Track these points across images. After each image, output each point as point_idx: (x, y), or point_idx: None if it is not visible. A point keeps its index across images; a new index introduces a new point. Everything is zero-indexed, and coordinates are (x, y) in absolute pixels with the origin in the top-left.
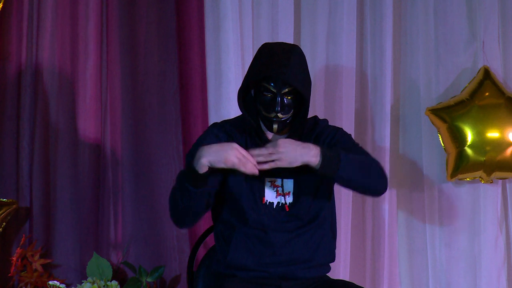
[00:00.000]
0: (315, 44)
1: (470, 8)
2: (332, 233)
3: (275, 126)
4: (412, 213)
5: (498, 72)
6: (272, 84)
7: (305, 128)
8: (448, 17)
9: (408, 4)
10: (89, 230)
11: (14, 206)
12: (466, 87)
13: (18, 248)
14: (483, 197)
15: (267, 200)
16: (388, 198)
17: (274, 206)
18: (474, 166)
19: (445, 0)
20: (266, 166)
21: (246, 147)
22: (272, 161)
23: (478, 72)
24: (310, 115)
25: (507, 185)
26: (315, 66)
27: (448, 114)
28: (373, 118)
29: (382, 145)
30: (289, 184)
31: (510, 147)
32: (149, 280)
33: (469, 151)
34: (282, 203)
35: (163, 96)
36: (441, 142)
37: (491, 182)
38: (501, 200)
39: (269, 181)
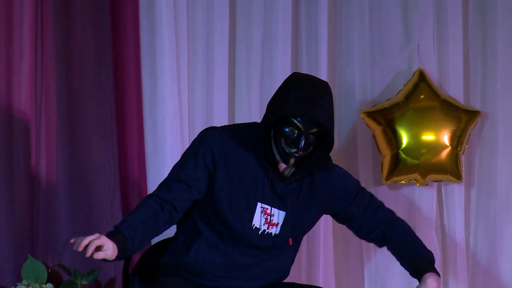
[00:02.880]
0: (250, 48)
1: (405, 11)
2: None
3: (292, 161)
4: None
5: (433, 75)
6: (301, 122)
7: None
8: (383, 20)
9: (343, 7)
10: (24, 233)
11: None
12: (401, 89)
13: None
14: (418, 199)
15: (254, 225)
16: None
17: (259, 233)
18: (409, 169)
19: (380, 3)
20: None
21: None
22: None
23: (413, 74)
24: (246, 120)
25: (442, 188)
26: (250, 69)
27: (383, 117)
28: None
29: None
30: (281, 216)
31: (445, 150)
32: (84, 282)
33: (404, 153)
34: (268, 232)
35: (99, 98)
36: (376, 144)
37: (426, 185)
38: (436, 202)
39: (261, 207)
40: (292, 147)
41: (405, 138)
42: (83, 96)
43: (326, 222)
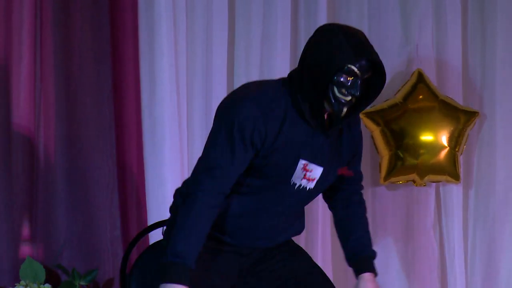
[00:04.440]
0: (249, 48)
1: (404, 12)
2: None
3: (345, 109)
4: None
5: (431, 75)
6: (359, 67)
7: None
8: (382, 21)
9: (342, 7)
10: (23, 233)
11: None
12: (399, 90)
13: None
14: (416, 200)
15: (292, 181)
16: (322, 202)
17: (295, 188)
18: (407, 169)
19: (379, 4)
20: None
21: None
22: None
23: (412, 75)
24: None
25: (441, 188)
26: (249, 69)
27: (382, 117)
28: None
29: None
30: (319, 171)
31: (443, 150)
32: (82, 283)
33: (402, 154)
34: (304, 187)
35: (97, 98)
36: (375, 145)
37: (424, 186)
38: (434, 203)
39: (303, 163)
40: (347, 95)
41: (403, 139)
42: (82, 97)
43: (324, 224)
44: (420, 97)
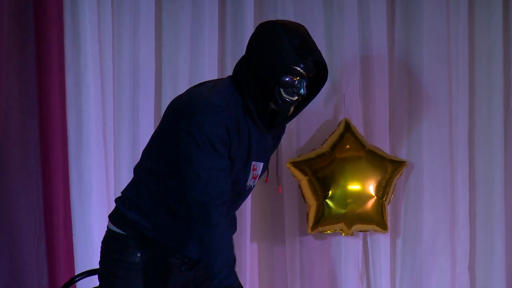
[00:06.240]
0: (176, 91)
1: (330, 61)
2: None
3: (292, 108)
4: (273, 266)
5: (359, 125)
6: (304, 68)
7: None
8: None
9: None
10: None
11: None
12: (327, 139)
13: None
14: (344, 249)
15: (246, 182)
16: (250, 251)
17: (247, 189)
18: (335, 219)
19: None
20: None
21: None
22: None
23: (339, 124)
24: None
25: (368, 238)
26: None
27: (309, 167)
28: None
29: None
30: (260, 167)
31: (371, 200)
32: None
33: (330, 203)
34: (251, 186)
35: (24, 147)
36: (302, 194)
37: (351, 235)
38: (362, 252)
39: (253, 164)
40: (293, 95)
41: (330, 188)
42: (8, 146)
43: (252, 273)
44: (347, 146)
